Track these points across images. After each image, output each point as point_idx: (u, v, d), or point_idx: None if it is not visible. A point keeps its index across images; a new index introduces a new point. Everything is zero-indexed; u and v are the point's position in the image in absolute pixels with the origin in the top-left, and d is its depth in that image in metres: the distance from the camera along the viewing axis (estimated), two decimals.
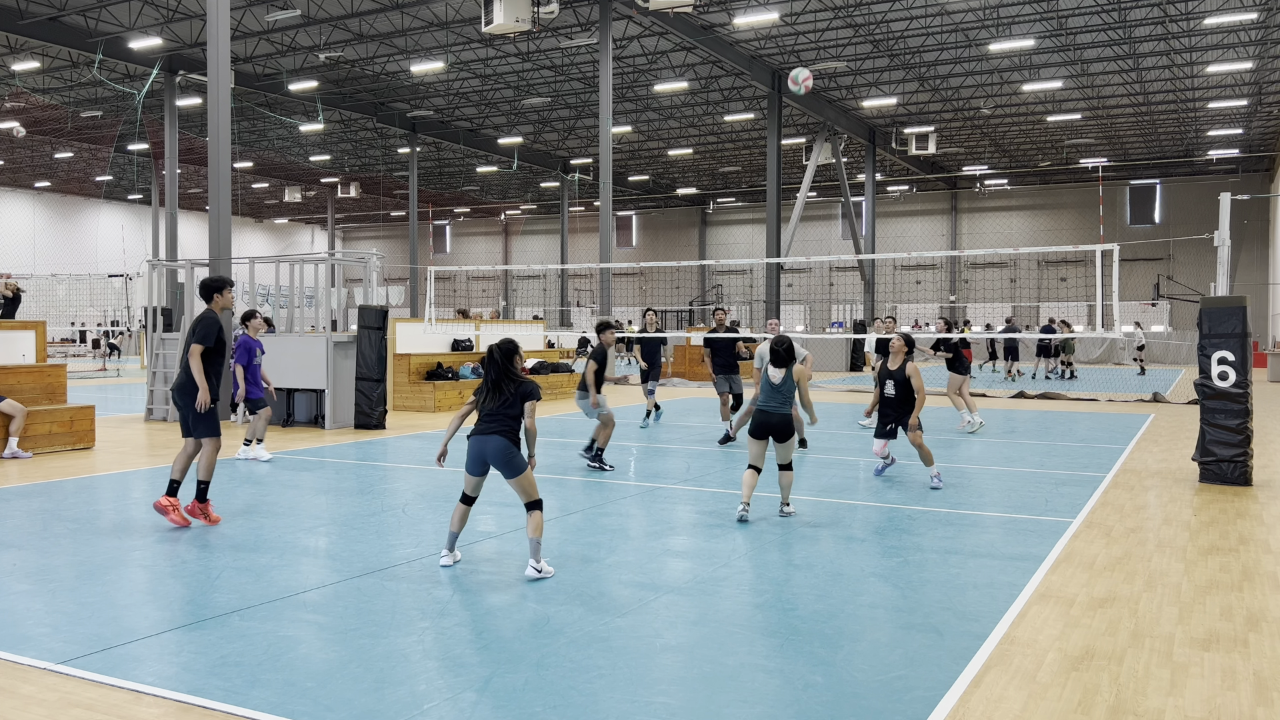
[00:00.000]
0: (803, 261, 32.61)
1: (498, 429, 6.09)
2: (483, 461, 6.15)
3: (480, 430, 6.15)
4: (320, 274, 16.69)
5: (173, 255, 32.95)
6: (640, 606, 5.55)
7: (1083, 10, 26.17)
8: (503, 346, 6.22)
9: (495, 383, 6.16)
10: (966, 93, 35.19)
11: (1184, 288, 37.88)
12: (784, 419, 7.92)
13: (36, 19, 27.06)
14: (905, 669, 4.58)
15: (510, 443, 6.10)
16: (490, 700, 4.17)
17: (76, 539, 7.17)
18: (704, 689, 4.34)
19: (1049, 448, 12.93)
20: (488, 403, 6.18)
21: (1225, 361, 9.81)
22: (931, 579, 6.17)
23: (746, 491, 7.94)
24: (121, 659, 4.67)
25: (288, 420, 15.28)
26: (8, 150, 44.71)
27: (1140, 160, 46.67)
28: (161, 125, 33.50)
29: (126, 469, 10.73)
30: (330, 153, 47.48)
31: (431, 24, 28.23)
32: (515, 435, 6.15)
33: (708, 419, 16.42)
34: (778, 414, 7.91)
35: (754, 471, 7.99)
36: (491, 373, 6.19)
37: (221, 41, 15.48)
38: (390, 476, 10.21)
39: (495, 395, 6.16)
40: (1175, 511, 8.51)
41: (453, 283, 65.27)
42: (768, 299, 32.21)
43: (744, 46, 30.34)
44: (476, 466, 6.19)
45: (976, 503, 8.90)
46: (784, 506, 8.19)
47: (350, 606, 5.52)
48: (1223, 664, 4.72)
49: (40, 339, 13.66)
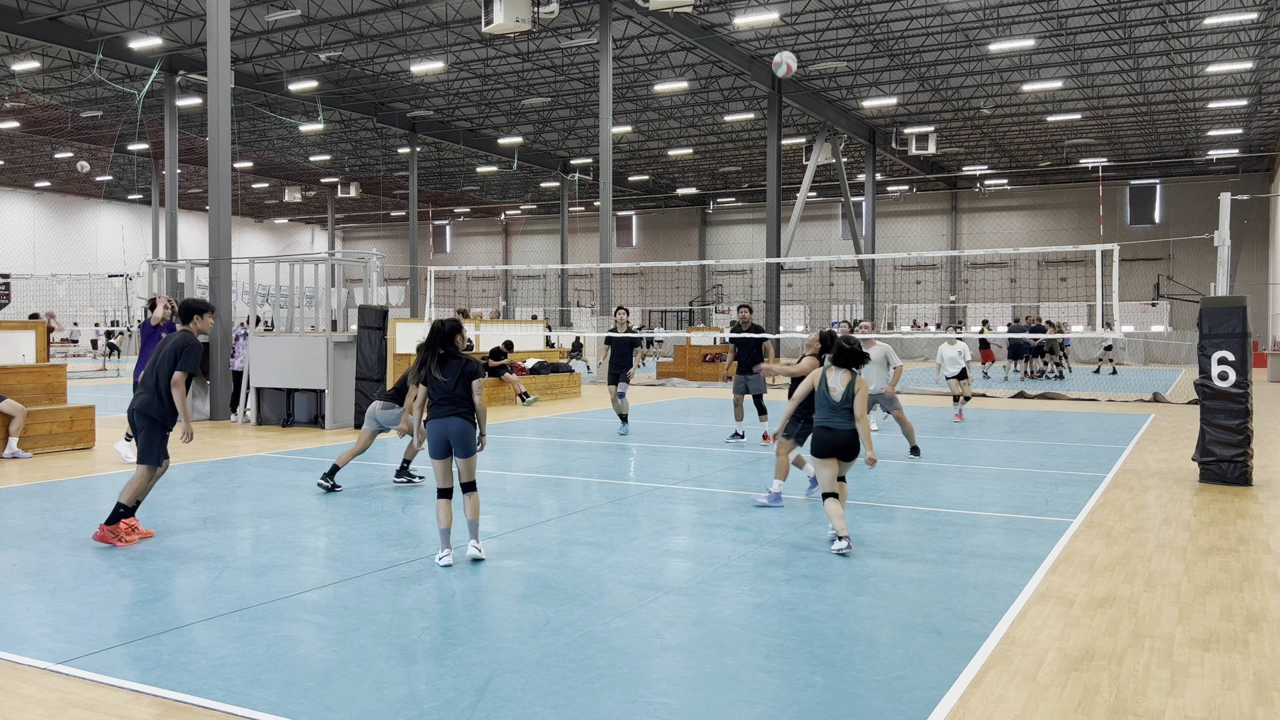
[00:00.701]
0: (803, 261, 32.63)
1: (454, 411, 6.41)
2: (445, 443, 6.42)
3: (437, 414, 6.44)
4: (320, 274, 16.69)
5: (173, 255, 32.95)
6: (640, 606, 5.55)
7: (1083, 10, 26.17)
8: (447, 324, 6.53)
9: (442, 358, 6.45)
10: (966, 93, 35.19)
11: (1184, 288, 37.86)
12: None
13: (36, 19, 27.06)
14: (905, 669, 4.58)
15: (468, 424, 6.43)
16: (490, 700, 4.17)
17: (76, 539, 7.17)
18: (704, 689, 4.34)
19: (1049, 448, 12.93)
20: (436, 385, 6.45)
21: (1225, 361, 9.81)
22: (931, 579, 6.17)
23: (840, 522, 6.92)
24: (122, 659, 4.67)
25: (288, 420, 15.28)
26: (8, 150, 44.70)
27: (1140, 160, 46.68)
28: (161, 125, 33.50)
29: (126, 469, 10.73)
30: (330, 153, 47.48)
31: (431, 24, 28.23)
32: (471, 417, 6.46)
33: (708, 419, 16.42)
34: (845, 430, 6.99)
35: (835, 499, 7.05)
36: (439, 348, 6.46)
37: (221, 41, 15.49)
38: (390, 476, 10.21)
39: (441, 369, 6.44)
40: (1175, 512, 8.51)
41: (453, 283, 65.27)
42: (768, 299, 32.21)
43: (744, 46, 30.34)
44: (439, 449, 6.44)
45: (976, 503, 8.90)
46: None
47: (350, 606, 5.52)
48: (1223, 664, 4.72)
49: (40, 339, 13.66)
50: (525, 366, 21.27)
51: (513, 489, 9.53)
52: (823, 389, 7.05)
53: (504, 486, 9.66)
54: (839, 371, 7.05)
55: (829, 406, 7.00)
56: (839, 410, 6.97)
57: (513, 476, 10.28)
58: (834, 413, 6.97)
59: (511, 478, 10.21)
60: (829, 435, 6.95)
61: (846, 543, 6.82)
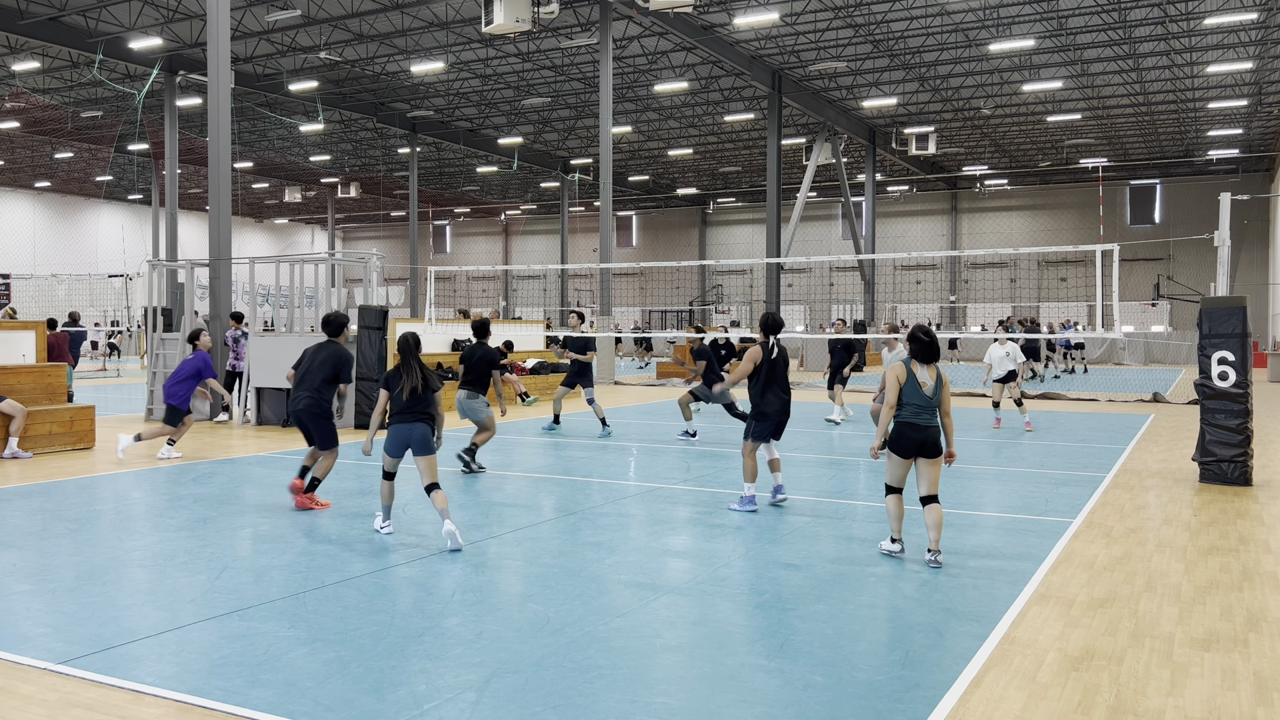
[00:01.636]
0: (803, 261, 32.62)
1: (419, 418, 7.22)
2: (405, 445, 7.20)
3: (402, 420, 7.20)
4: (320, 274, 16.68)
5: (173, 255, 32.94)
6: (640, 606, 5.54)
7: (1083, 10, 26.16)
8: (410, 340, 7.34)
9: (425, 377, 7.28)
10: (966, 93, 35.18)
11: (1184, 288, 37.83)
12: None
13: (36, 19, 27.04)
14: (905, 669, 4.58)
15: (430, 429, 7.27)
16: (490, 700, 4.17)
17: (76, 539, 7.17)
18: (704, 689, 4.34)
19: (1049, 448, 12.93)
20: (408, 395, 7.19)
21: (1225, 361, 9.81)
22: (931, 579, 6.17)
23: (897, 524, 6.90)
24: (121, 659, 4.67)
25: (288, 420, 15.27)
26: (8, 150, 44.69)
27: (1140, 160, 46.67)
28: (161, 125, 33.47)
29: (126, 469, 10.73)
30: (330, 153, 47.46)
31: (431, 24, 28.21)
32: (431, 423, 7.30)
33: (708, 419, 16.42)
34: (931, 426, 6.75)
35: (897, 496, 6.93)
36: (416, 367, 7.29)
37: (221, 41, 15.48)
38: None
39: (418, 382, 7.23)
40: (1175, 512, 8.51)
41: (453, 283, 65.26)
42: (768, 299, 32.21)
43: (744, 46, 30.33)
44: (398, 449, 7.25)
45: (976, 503, 8.90)
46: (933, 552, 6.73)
47: (349, 606, 5.52)
48: (1223, 664, 4.72)
49: (40, 339, 13.66)
50: (525, 367, 21.27)
51: (513, 489, 9.53)
52: (912, 385, 6.67)
53: (504, 486, 9.66)
54: (924, 367, 6.74)
55: (917, 404, 6.65)
56: (927, 407, 6.64)
57: (513, 476, 10.28)
58: (921, 410, 6.63)
59: (512, 478, 10.21)
60: (915, 434, 6.63)
61: (900, 546, 6.77)
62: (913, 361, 6.78)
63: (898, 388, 6.68)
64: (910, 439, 6.62)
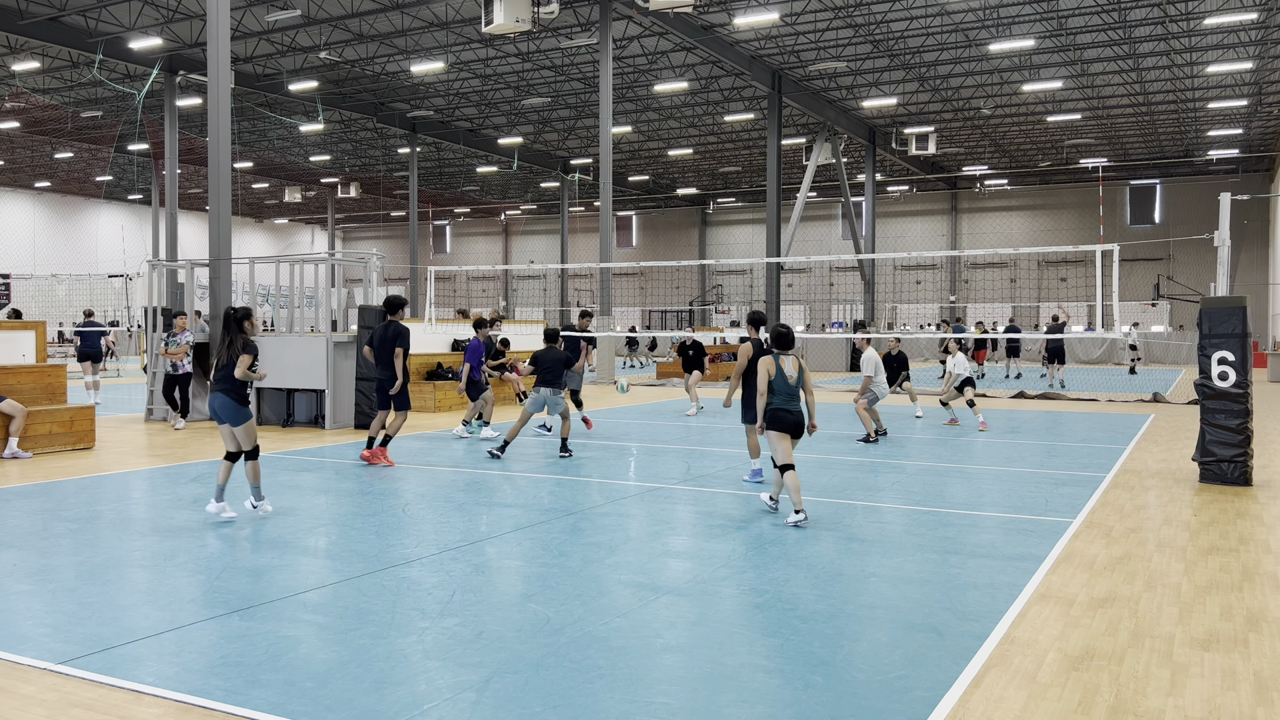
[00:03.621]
0: (803, 261, 32.63)
1: (219, 388, 7.55)
2: (216, 415, 7.58)
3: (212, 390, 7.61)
4: (320, 274, 16.68)
5: (173, 255, 32.94)
6: (640, 606, 5.54)
7: (1083, 10, 26.16)
8: (239, 311, 7.67)
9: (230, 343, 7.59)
10: (966, 93, 35.19)
11: (1184, 288, 37.85)
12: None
13: (36, 19, 27.04)
14: (905, 669, 4.58)
15: (229, 399, 7.52)
16: (490, 700, 4.17)
17: (76, 539, 7.17)
18: (704, 689, 4.34)
19: (1049, 448, 12.93)
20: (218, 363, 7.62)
21: (1225, 361, 9.81)
22: (931, 579, 6.17)
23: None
24: (121, 659, 4.67)
25: (287, 420, 15.27)
26: (8, 150, 44.69)
27: (1140, 160, 46.67)
28: (161, 125, 33.47)
29: (126, 469, 10.73)
30: (330, 153, 47.46)
31: (431, 24, 28.21)
32: (232, 394, 7.53)
33: (708, 420, 16.42)
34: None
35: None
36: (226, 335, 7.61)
37: (221, 41, 15.48)
38: (390, 476, 10.22)
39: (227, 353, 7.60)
40: (1175, 512, 8.51)
41: (453, 283, 65.26)
42: (768, 299, 32.22)
43: (744, 46, 30.33)
44: (215, 418, 7.65)
45: (976, 503, 8.90)
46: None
47: (350, 606, 5.52)
48: (1223, 664, 4.72)
49: (40, 339, 13.66)
50: (525, 366, 21.26)
51: (512, 489, 9.53)
52: (780, 375, 7.82)
53: (504, 486, 9.67)
54: (787, 358, 7.90)
55: (786, 391, 7.82)
56: (794, 393, 7.84)
57: (513, 476, 10.28)
58: (790, 396, 7.82)
59: (512, 477, 10.21)
60: (790, 416, 7.78)
61: (804, 515, 7.62)
62: (780, 355, 7.90)
63: (768, 378, 7.82)
64: (786, 421, 7.78)
